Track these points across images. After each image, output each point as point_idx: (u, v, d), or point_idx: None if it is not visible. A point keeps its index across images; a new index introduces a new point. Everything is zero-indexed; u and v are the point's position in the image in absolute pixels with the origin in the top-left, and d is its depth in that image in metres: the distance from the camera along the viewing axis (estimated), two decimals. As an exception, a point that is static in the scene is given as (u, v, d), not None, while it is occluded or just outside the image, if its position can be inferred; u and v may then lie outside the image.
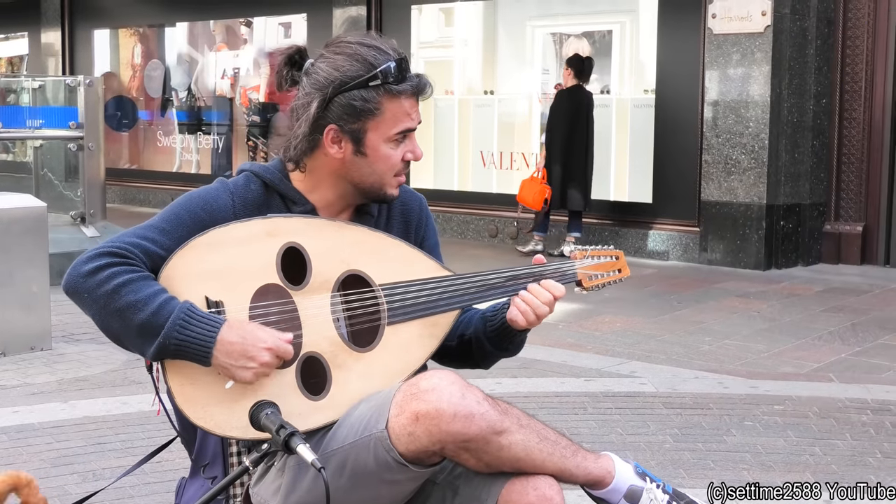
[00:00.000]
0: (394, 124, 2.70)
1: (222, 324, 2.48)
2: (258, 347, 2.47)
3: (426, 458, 2.48)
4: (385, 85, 2.66)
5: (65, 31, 17.91)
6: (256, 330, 2.50)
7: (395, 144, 2.72)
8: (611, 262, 2.96)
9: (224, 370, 2.48)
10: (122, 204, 16.00)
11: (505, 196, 12.43)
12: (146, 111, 16.98)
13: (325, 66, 2.68)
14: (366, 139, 2.69)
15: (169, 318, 2.44)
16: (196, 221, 2.63)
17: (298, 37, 14.85)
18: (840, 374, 6.41)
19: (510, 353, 2.94)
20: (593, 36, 12.11)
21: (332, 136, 2.69)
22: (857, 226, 10.52)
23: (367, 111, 2.67)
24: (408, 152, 2.76)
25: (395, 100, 2.68)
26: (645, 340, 7.31)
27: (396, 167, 2.75)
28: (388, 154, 2.72)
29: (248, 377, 2.47)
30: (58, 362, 6.63)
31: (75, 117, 9.99)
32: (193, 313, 2.46)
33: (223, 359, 2.46)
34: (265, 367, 2.48)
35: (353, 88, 2.65)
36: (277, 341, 2.49)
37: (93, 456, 4.83)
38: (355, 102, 2.66)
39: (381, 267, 2.69)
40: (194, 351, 2.46)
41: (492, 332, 2.86)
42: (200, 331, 2.45)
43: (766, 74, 10.12)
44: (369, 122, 2.68)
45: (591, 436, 5.12)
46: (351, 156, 2.71)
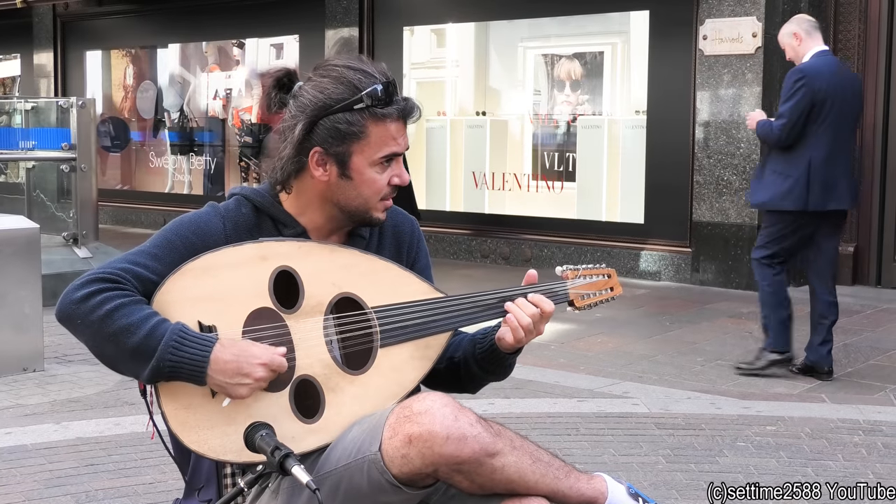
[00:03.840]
0: (379, 148, 2.70)
1: (215, 343, 2.48)
2: (252, 364, 2.47)
3: (420, 480, 2.49)
4: (370, 108, 2.66)
5: (57, 52, 17.92)
6: (250, 346, 2.50)
7: (381, 168, 2.72)
8: (603, 280, 2.96)
9: (220, 388, 2.49)
10: (115, 225, 15.98)
11: (497, 217, 12.46)
12: (138, 132, 16.99)
13: (311, 88, 2.69)
14: (350, 162, 2.69)
15: (162, 340, 2.44)
16: (188, 246, 2.63)
17: (290, 58, 14.87)
18: (832, 395, 6.42)
19: (498, 377, 2.94)
20: (585, 57, 12.14)
21: (316, 158, 2.69)
22: (848, 246, 10.53)
23: (351, 134, 2.67)
24: (394, 176, 2.75)
25: (381, 123, 2.68)
26: (637, 361, 7.32)
27: (382, 191, 2.75)
28: (373, 178, 2.72)
29: (243, 393, 2.48)
30: (50, 383, 6.62)
31: (68, 138, 10.00)
32: (186, 334, 2.47)
33: (218, 377, 2.47)
34: (260, 382, 2.49)
35: (337, 111, 2.65)
36: (271, 356, 2.49)
37: (86, 477, 4.82)
38: (340, 126, 2.66)
39: (373, 289, 2.70)
40: (188, 371, 2.46)
41: (480, 355, 2.85)
42: (194, 351, 2.45)
43: (757, 95, 10.16)
44: (354, 145, 2.68)
45: (584, 456, 5.12)
46: (336, 179, 2.71)
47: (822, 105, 6.72)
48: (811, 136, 6.75)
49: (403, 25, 13.43)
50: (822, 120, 6.73)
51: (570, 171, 12.08)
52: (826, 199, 6.77)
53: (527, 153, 12.53)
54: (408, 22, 13.42)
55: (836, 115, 6.77)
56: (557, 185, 12.19)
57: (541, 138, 12.48)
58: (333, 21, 13.77)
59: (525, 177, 12.41)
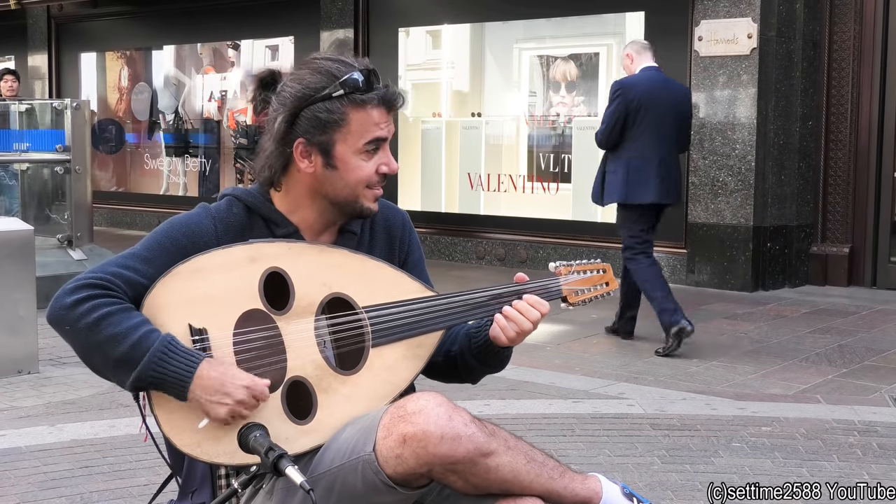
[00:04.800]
0: (361, 135, 2.68)
1: (202, 359, 2.48)
2: (235, 384, 2.46)
3: (414, 480, 2.48)
4: (349, 95, 2.65)
5: (51, 54, 17.91)
6: (236, 370, 2.50)
7: (367, 156, 2.70)
8: (597, 276, 2.94)
9: (199, 405, 2.48)
10: (110, 227, 15.98)
11: (492, 218, 12.46)
12: (133, 134, 16.98)
13: (291, 82, 2.69)
14: (334, 151, 2.68)
15: (147, 352, 2.44)
16: (178, 248, 2.63)
17: (286, 59, 14.87)
18: (827, 396, 6.42)
19: (495, 370, 2.93)
20: (580, 58, 12.14)
21: (300, 150, 2.68)
22: (843, 247, 10.55)
23: (332, 122, 2.65)
24: (382, 164, 2.73)
25: (361, 109, 2.66)
26: (632, 362, 7.32)
27: (369, 179, 2.72)
28: (358, 165, 2.70)
29: (221, 414, 2.47)
30: (45, 385, 6.61)
31: (62, 140, 9.98)
32: (174, 347, 2.46)
33: (199, 393, 2.46)
34: (240, 405, 2.47)
35: (317, 101, 2.65)
36: (255, 381, 2.49)
37: (80, 479, 4.81)
38: (320, 114, 2.65)
39: (364, 289, 2.69)
40: (171, 385, 2.46)
41: (476, 349, 2.85)
42: (179, 366, 2.45)
43: (752, 97, 10.16)
44: (336, 133, 2.66)
45: (579, 457, 5.11)
46: (322, 169, 2.70)
47: (637, 113, 7.71)
48: (628, 140, 7.76)
49: (398, 27, 13.43)
50: (637, 125, 7.72)
51: (566, 173, 12.08)
52: (642, 195, 7.76)
53: (522, 154, 12.53)
54: (403, 23, 13.42)
55: (651, 121, 7.73)
56: (553, 187, 12.19)
57: (536, 139, 12.49)
58: (328, 22, 13.77)
59: (520, 178, 12.41)
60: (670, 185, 7.86)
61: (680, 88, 8.30)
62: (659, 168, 7.75)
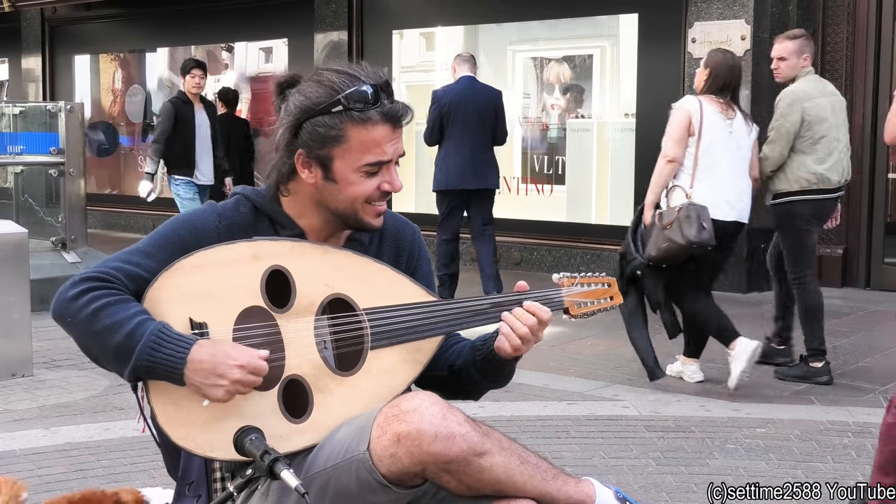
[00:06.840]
0: (362, 154, 2.65)
1: (193, 343, 2.47)
2: (228, 365, 2.45)
3: (408, 479, 2.48)
4: (348, 111, 2.62)
5: (45, 56, 17.90)
6: (228, 348, 2.49)
7: (367, 175, 2.68)
8: (602, 289, 2.89)
9: (197, 389, 2.48)
10: (104, 229, 15.95)
11: (487, 220, 12.45)
12: (127, 136, 16.96)
13: (297, 93, 2.68)
14: (333, 166, 2.66)
15: (141, 340, 2.44)
16: (181, 244, 2.63)
17: (279, 62, 14.87)
18: (821, 397, 6.43)
19: (498, 384, 2.92)
20: (574, 60, 12.15)
21: (301, 160, 2.68)
22: (837, 249, 10.56)
23: (331, 138, 2.64)
24: (384, 182, 2.71)
25: (362, 127, 2.63)
26: (627, 364, 7.32)
27: (369, 196, 2.70)
28: (358, 182, 2.68)
29: (219, 395, 2.46)
30: (39, 388, 6.60)
31: (56, 143, 9.98)
32: (165, 334, 2.46)
33: (194, 377, 2.46)
34: (237, 384, 2.46)
35: (317, 114, 2.63)
36: (249, 358, 2.47)
37: (75, 482, 4.80)
38: (319, 129, 2.64)
39: (365, 291, 2.69)
40: (165, 371, 2.46)
41: (480, 362, 2.83)
42: (171, 351, 2.45)
43: (745, 98, 10.14)
44: (335, 149, 2.65)
45: (574, 459, 5.12)
46: (322, 181, 2.69)
47: (449, 115, 9.26)
48: (446, 138, 9.32)
49: (392, 29, 13.44)
50: (450, 125, 9.26)
51: (560, 175, 12.09)
52: (459, 181, 9.27)
53: (516, 156, 12.53)
54: (397, 25, 13.42)
55: (461, 121, 9.25)
56: (547, 189, 12.20)
57: (530, 141, 12.50)
58: (322, 25, 13.76)
59: (514, 180, 12.41)
60: (482, 173, 9.33)
61: (490, 92, 9.55)
62: (471, 159, 9.25)
